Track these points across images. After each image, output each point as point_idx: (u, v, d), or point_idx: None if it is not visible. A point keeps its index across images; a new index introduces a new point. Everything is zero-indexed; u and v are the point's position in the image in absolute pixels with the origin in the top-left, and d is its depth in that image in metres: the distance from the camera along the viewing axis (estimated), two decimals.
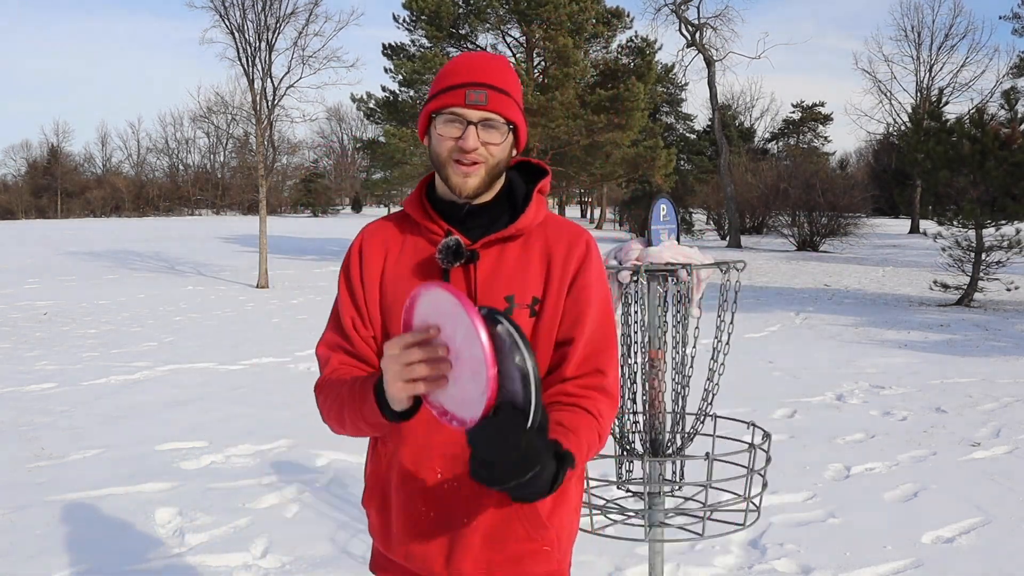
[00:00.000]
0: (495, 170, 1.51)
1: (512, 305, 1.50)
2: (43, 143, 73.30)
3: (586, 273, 1.54)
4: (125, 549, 3.72)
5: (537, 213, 1.57)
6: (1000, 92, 17.24)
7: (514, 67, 1.51)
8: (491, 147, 1.49)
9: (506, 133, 1.50)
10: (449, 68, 1.53)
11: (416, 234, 1.58)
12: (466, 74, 1.49)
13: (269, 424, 5.82)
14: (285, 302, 13.70)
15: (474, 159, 1.48)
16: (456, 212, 1.55)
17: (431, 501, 1.50)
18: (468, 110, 1.47)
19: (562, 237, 1.56)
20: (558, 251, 1.54)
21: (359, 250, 1.61)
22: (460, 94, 1.47)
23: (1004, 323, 11.42)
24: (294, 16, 17.07)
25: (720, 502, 2.58)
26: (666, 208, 2.76)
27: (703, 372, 2.91)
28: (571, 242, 1.56)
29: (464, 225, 1.54)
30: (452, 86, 1.49)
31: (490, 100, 1.48)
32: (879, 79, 45.17)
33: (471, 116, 1.47)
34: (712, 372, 2.72)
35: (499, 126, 1.49)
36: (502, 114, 1.49)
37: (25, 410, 6.26)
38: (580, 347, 1.50)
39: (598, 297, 1.54)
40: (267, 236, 16.79)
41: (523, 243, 1.54)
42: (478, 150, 1.47)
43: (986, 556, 3.69)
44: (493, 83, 1.49)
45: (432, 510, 1.50)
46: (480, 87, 1.47)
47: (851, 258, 24.27)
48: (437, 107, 1.49)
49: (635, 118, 21.40)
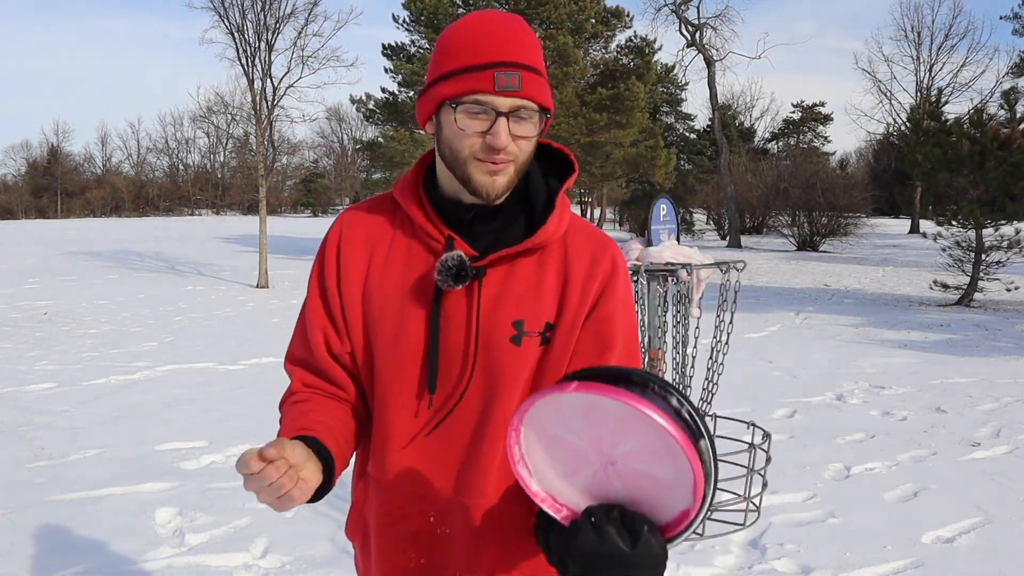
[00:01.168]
0: (524, 167, 1.25)
1: (521, 332, 1.25)
2: (43, 143, 73.26)
3: (611, 299, 1.27)
4: (125, 549, 3.72)
5: (561, 222, 1.28)
6: (1000, 92, 17.25)
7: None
8: (522, 141, 1.21)
9: (540, 124, 1.22)
10: (465, 38, 1.20)
11: (410, 234, 1.31)
12: (493, 49, 1.17)
13: (269, 424, 5.81)
14: (285, 302, 13.70)
15: (504, 157, 1.20)
16: (461, 214, 1.27)
17: (422, 547, 1.31)
18: (498, 97, 1.17)
19: (585, 250, 1.29)
20: (578, 268, 1.27)
21: (337, 245, 1.33)
22: (487, 77, 1.16)
23: (1004, 323, 11.42)
24: (294, 16, 17.07)
25: (720, 502, 2.59)
26: (666, 208, 2.77)
27: (703, 372, 2.92)
28: (595, 257, 1.29)
29: (471, 231, 1.27)
30: (476, 66, 1.17)
31: (524, 84, 1.17)
32: (879, 79, 45.17)
33: (501, 106, 1.17)
34: (711, 372, 2.73)
35: (532, 115, 1.20)
36: (536, 100, 1.20)
37: (25, 410, 6.26)
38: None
39: (624, 330, 1.28)
40: (267, 236, 16.79)
41: (539, 256, 1.28)
42: (509, 147, 1.19)
43: (986, 556, 3.69)
44: (526, 62, 1.19)
45: (423, 557, 1.31)
46: (512, 68, 1.16)
47: (851, 258, 24.27)
48: (456, 93, 1.18)
49: (635, 118, 21.43)
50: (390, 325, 1.27)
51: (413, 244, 1.30)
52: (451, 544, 1.30)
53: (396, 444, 1.29)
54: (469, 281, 1.23)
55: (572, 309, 1.26)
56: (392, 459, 1.30)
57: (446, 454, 1.28)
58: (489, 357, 1.25)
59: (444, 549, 1.30)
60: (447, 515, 1.29)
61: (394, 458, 1.30)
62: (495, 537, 1.28)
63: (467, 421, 1.27)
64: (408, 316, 1.26)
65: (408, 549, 1.31)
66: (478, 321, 1.24)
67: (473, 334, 1.25)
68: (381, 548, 1.34)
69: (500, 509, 1.28)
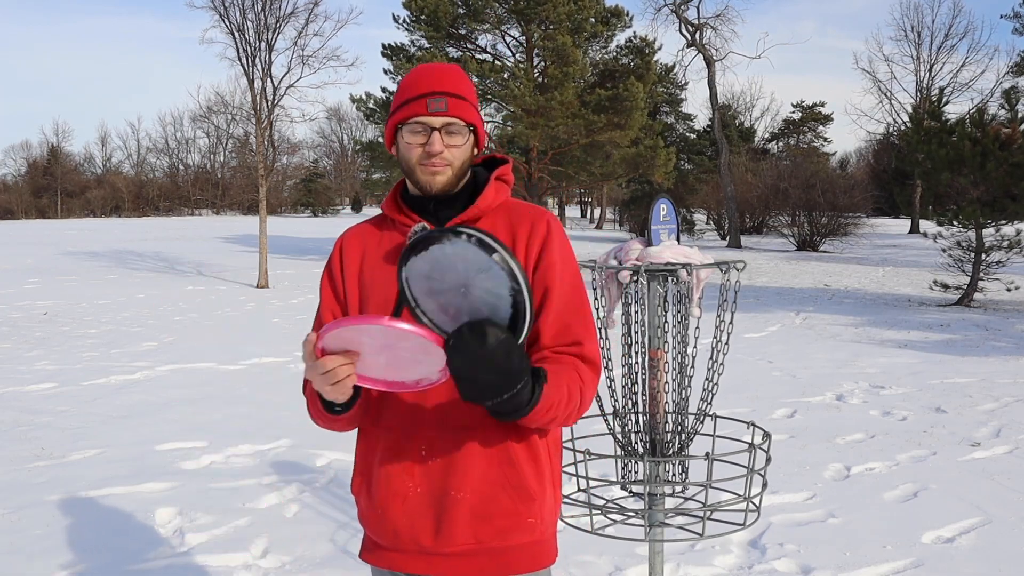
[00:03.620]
0: (460, 169, 1.62)
1: None
2: (43, 143, 73.35)
3: (549, 251, 1.61)
4: (125, 549, 3.72)
5: (496, 196, 1.67)
6: (1000, 92, 17.24)
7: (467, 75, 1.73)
8: (454, 149, 1.60)
9: (467, 135, 1.62)
10: (409, 81, 1.63)
11: (391, 229, 1.69)
12: (425, 85, 1.60)
13: (269, 424, 5.82)
14: (285, 302, 13.70)
15: (440, 161, 1.58)
16: (426, 205, 1.66)
17: (418, 477, 1.59)
18: (431, 117, 1.58)
19: (524, 219, 1.65)
20: (521, 232, 1.63)
21: (340, 251, 1.73)
22: (422, 104, 1.58)
23: (1004, 323, 11.42)
24: (294, 16, 17.07)
25: (720, 502, 2.58)
26: (666, 208, 2.76)
27: (703, 372, 2.91)
28: (533, 222, 1.64)
29: (435, 216, 1.65)
30: (413, 97, 1.59)
31: (450, 106, 1.58)
32: (879, 79, 45.08)
33: (434, 123, 1.58)
34: (711, 372, 2.72)
35: (460, 129, 1.60)
36: (462, 118, 1.60)
37: (25, 410, 6.26)
38: (551, 320, 1.58)
39: (564, 272, 1.62)
40: (267, 236, 16.79)
41: (488, 226, 1.63)
42: (443, 153, 1.58)
43: (986, 556, 3.69)
44: (451, 90, 1.60)
45: (419, 486, 1.59)
46: (440, 95, 1.58)
47: (851, 258, 24.26)
48: (402, 118, 1.60)
49: (635, 118, 21.40)
50: (379, 296, 1.63)
51: (393, 235, 1.68)
52: (443, 472, 1.58)
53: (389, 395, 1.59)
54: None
55: (520, 260, 1.56)
56: (388, 408, 1.62)
57: (429, 397, 1.58)
58: None
59: (438, 477, 1.58)
60: (438, 447, 1.58)
61: (390, 406, 1.61)
62: (478, 460, 1.57)
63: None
64: (391, 287, 1.58)
65: (407, 480, 1.59)
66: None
67: None
68: (385, 484, 1.61)
69: (479, 437, 1.57)
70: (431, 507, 1.58)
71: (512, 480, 1.58)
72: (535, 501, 1.59)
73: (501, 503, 1.57)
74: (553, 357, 1.56)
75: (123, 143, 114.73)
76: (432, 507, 1.58)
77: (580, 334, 1.60)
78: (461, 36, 23.28)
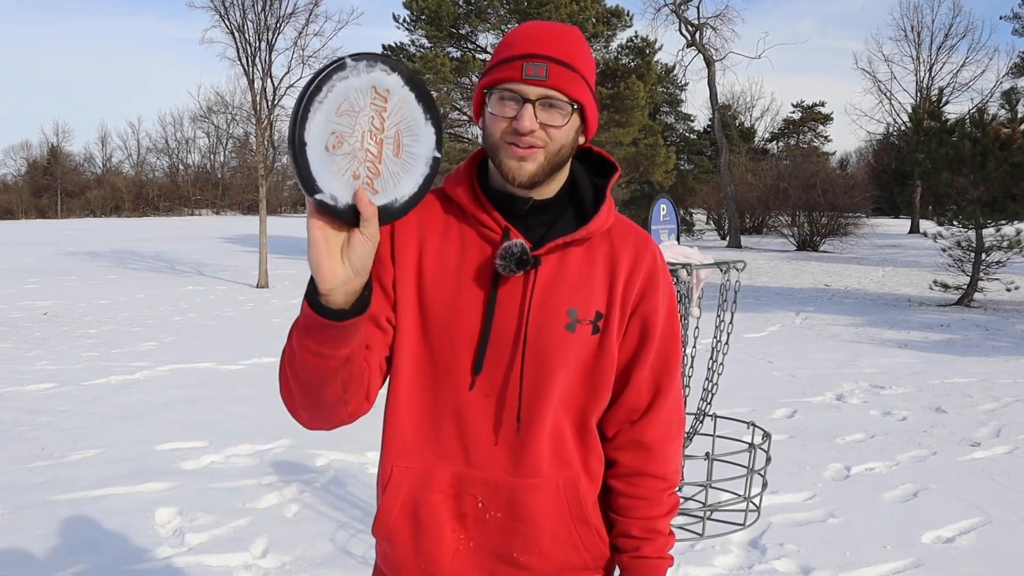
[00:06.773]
0: (556, 157, 1.30)
1: (575, 320, 1.32)
2: (43, 143, 73.20)
3: (654, 292, 1.37)
4: (125, 549, 3.72)
5: (609, 215, 1.38)
6: (1000, 92, 17.24)
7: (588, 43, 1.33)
8: (551, 130, 1.27)
9: (569, 114, 1.28)
10: (509, 38, 1.33)
11: (463, 222, 1.36)
12: (526, 44, 1.28)
13: (269, 424, 5.82)
14: (285, 302, 13.70)
15: (531, 142, 1.26)
16: (516, 207, 1.34)
17: (471, 529, 1.35)
18: (525, 86, 1.26)
19: (627, 243, 1.38)
20: (624, 260, 1.36)
21: (390, 233, 1.35)
22: (517, 67, 1.26)
23: (1004, 323, 11.42)
24: (294, 16, 17.05)
25: (720, 502, 2.58)
26: (666, 208, 2.76)
27: (703, 372, 2.92)
28: (638, 249, 1.38)
29: (524, 223, 1.34)
30: (509, 58, 1.28)
31: (551, 75, 1.26)
32: (879, 79, 45.09)
33: (528, 93, 1.26)
34: (711, 372, 2.72)
35: (561, 105, 1.27)
36: (565, 92, 1.27)
37: (25, 410, 6.26)
38: (644, 375, 1.38)
39: (668, 321, 1.40)
40: (267, 236, 16.79)
41: (587, 248, 1.36)
42: (535, 132, 1.26)
43: (986, 556, 3.69)
44: (556, 55, 1.27)
45: (473, 539, 1.35)
46: (540, 59, 1.26)
47: (851, 258, 24.27)
48: (490, 82, 1.29)
49: (635, 117, 21.41)
50: (445, 308, 1.32)
51: (467, 233, 1.35)
52: (502, 528, 1.34)
53: (445, 431, 1.35)
54: (528, 268, 1.29)
55: (619, 298, 1.34)
56: (442, 447, 1.35)
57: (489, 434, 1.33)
58: (540, 343, 1.31)
59: (494, 532, 1.34)
60: (494, 499, 1.32)
61: (444, 442, 1.35)
62: (548, 517, 1.33)
63: (514, 405, 1.32)
64: (463, 300, 1.32)
65: (458, 529, 1.34)
66: (530, 308, 1.30)
67: (524, 320, 1.31)
68: (427, 530, 1.34)
69: (551, 492, 1.33)
70: (483, 569, 1.35)
71: (586, 540, 1.37)
72: (605, 558, 1.41)
73: (570, 560, 1.37)
74: (617, 506, 1.41)
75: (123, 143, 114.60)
76: (485, 569, 1.35)
77: (664, 387, 1.39)
78: (462, 36, 23.28)
